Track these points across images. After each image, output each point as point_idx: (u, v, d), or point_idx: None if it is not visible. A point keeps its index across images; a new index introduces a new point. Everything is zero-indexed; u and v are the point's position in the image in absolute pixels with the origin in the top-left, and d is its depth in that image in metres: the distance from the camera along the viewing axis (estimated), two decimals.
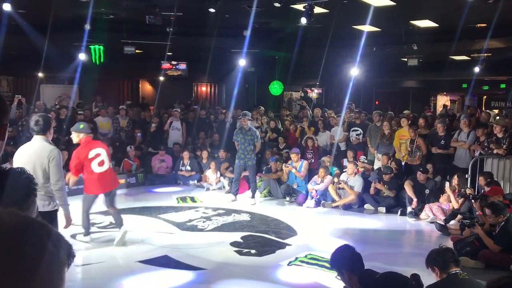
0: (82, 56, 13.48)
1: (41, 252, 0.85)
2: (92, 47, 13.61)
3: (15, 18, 10.97)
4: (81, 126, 6.48)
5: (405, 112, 14.44)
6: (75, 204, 8.41)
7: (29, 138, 4.81)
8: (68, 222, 4.69)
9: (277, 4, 9.38)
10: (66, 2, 10.67)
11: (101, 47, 13.74)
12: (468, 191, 7.94)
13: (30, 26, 12.04)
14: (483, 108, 21.36)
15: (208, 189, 10.95)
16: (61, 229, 5.08)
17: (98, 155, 6.42)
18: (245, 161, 9.52)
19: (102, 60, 13.95)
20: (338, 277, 3.81)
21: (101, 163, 6.42)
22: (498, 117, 10.72)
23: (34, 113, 10.56)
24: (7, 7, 9.23)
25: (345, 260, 3.51)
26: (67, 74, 16.46)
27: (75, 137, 6.37)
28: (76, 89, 16.45)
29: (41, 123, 4.53)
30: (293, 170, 9.86)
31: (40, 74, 17.28)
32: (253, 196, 9.61)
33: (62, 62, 14.72)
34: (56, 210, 4.63)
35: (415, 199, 8.62)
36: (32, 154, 4.50)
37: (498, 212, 6.07)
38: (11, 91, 18.37)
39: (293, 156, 10.00)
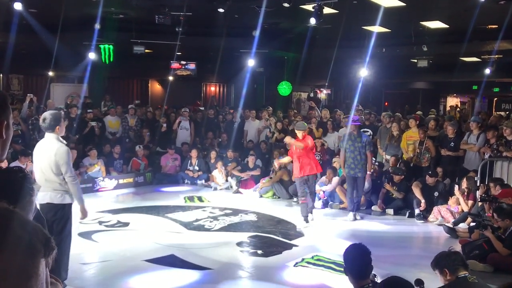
0: (91, 55, 13.54)
1: (4, 232, 0.88)
2: (101, 46, 13.68)
3: (26, 17, 11.05)
4: (305, 124, 8.23)
5: (418, 112, 14.35)
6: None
7: (38, 137, 4.92)
8: (84, 214, 4.87)
9: (286, 5, 9.36)
10: (76, 2, 10.74)
11: (111, 47, 13.81)
12: (478, 193, 7.85)
13: (40, 25, 12.13)
14: (493, 110, 21.19)
15: (215, 189, 10.96)
16: (77, 222, 5.22)
17: None
18: (355, 172, 8.43)
19: (111, 60, 14.02)
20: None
21: None
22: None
23: (45, 111, 10.64)
24: (18, 6, 9.30)
25: (352, 263, 3.35)
26: (77, 73, 16.55)
27: (301, 133, 7.80)
28: (86, 88, 16.53)
29: (47, 121, 4.62)
30: None
31: (51, 73, 17.40)
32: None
33: (72, 61, 14.82)
34: (69, 204, 4.74)
35: (423, 201, 8.55)
36: (43, 151, 4.68)
37: (505, 216, 6.00)
38: (22, 89, 18.52)
39: None
